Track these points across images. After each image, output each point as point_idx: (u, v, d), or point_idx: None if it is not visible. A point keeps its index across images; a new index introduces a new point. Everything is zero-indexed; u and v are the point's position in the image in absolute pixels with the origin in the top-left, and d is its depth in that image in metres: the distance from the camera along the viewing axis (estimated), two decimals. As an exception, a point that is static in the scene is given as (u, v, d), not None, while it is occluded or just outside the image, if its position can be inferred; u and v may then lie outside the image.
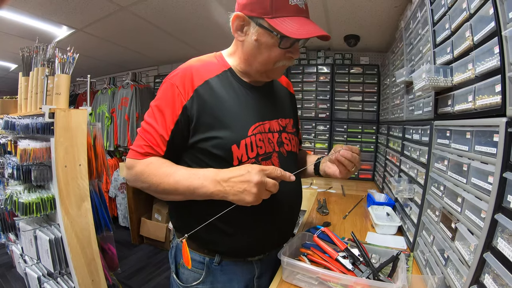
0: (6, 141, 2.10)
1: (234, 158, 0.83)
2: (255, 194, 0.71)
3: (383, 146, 2.24)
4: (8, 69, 3.97)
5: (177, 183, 0.78)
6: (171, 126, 0.83)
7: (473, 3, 0.75)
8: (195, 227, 0.86)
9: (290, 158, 0.98)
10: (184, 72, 0.86)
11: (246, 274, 0.96)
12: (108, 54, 3.33)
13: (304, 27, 0.79)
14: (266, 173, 0.73)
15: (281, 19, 0.78)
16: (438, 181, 0.93)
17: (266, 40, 0.81)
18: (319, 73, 2.74)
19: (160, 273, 2.68)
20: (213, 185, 0.75)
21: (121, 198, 3.54)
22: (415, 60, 1.34)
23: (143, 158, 0.84)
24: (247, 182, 0.71)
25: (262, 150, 0.88)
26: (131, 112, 3.47)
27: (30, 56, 1.97)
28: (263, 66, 0.87)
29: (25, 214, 1.58)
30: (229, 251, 0.92)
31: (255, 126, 0.88)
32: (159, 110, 0.85)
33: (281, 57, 0.85)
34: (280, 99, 1.05)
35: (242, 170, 0.73)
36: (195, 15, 2.20)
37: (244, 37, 0.85)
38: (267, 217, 0.89)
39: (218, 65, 0.91)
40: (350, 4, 1.85)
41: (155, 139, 0.84)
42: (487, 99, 0.69)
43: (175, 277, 0.98)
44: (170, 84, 0.85)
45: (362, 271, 0.85)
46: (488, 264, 0.61)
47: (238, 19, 0.83)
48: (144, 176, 0.82)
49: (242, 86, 0.92)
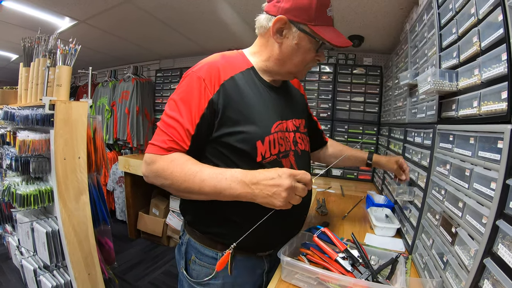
0: (5, 132, 2.09)
1: (258, 154, 0.85)
2: (284, 198, 0.72)
3: (383, 148, 2.23)
4: (9, 59, 3.94)
5: (202, 182, 0.76)
6: (197, 120, 0.82)
7: (482, 9, 0.74)
8: (212, 225, 0.90)
9: (304, 157, 1.03)
10: (211, 65, 0.86)
11: (257, 269, 0.99)
12: (110, 46, 3.30)
13: (340, 37, 0.87)
14: (297, 178, 0.74)
15: (321, 27, 0.85)
16: (439, 185, 0.93)
17: (305, 44, 0.87)
18: (321, 73, 2.74)
19: (157, 268, 2.68)
20: (241, 187, 0.74)
21: (119, 191, 3.53)
22: (419, 63, 1.34)
23: (166, 153, 0.81)
24: (278, 186, 0.71)
25: (283, 148, 0.91)
26: (131, 106, 3.46)
27: (32, 46, 1.96)
28: (296, 67, 0.92)
29: (23, 206, 1.58)
30: (241, 246, 0.90)
31: (277, 124, 0.91)
32: (184, 103, 0.82)
33: (312, 60, 0.92)
34: (294, 100, 1.09)
35: (273, 173, 0.74)
36: (199, 10, 2.18)
37: (283, 40, 0.88)
38: (279, 212, 0.87)
39: (242, 62, 0.93)
40: (356, 5, 1.84)
41: (179, 134, 0.81)
42: (492, 105, 0.70)
43: (185, 273, 0.98)
44: (197, 77, 0.84)
45: (361, 272, 0.86)
46: (487, 270, 0.61)
47: (279, 22, 0.85)
48: (167, 173, 0.79)
49: (264, 85, 0.94)
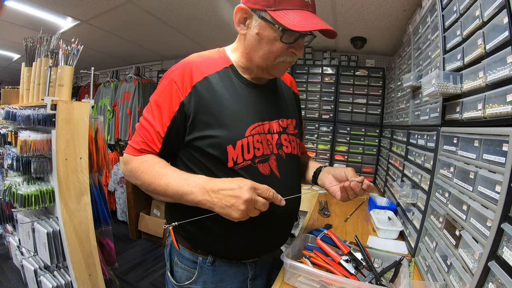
0: (6, 131, 2.09)
1: (229, 159, 0.81)
2: (242, 211, 0.68)
3: (386, 149, 2.23)
4: (11, 59, 3.95)
5: (167, 186, 0.77)
6: (167, 122, 0.82)
7: (487, 11, 0.74)
8: (187, 226, 0.84)
9: (290, 161, 0.94)
10: (184, 67, 0.84)
11: (240, 275, 0.94)
12: (112, 47, 3.31)
13: (307, 20, 0.75)
14: (257, 192, 0.70)
15: (284, 12, 0.75)
16: (443, 188, 0.93)
17: (268, 33, 0.78)
18: (324, 74, 2.74)
19: (157, 269, 2.68)
20: (201, 194, 0.73)
21: (120, 192, 3.53)
22: (423, 65, 1.33)
23: (139, 154, 0.83)
24: (236, 197, 0.68)
25: (260, 152, 0.85)
26: (133, 106, 3.46)
27: (34, 46, 1.95)
28: (263, 61, 0.83)
29: (24, 206, 1.57)
30: (222, 252, 0.90)
31: (254, 127, 0.85)
32: (156, 105, 0.83)
33: (283, 53, 0.80)
34: (283, 99, 1.01)
35: (234, 184, 0.71)
36: (202, 11, 2.19)
37: (247, 31, 0.82)
38: (263, 221, 0.85)
39: (220, 61, 0.89)
40: (359, 6, 1.84)
41: (151, 136, 0.83)
42: (497, 108, 0.69)
43: (170, 275, 0.97)
44: (169, 80, 0.83)
45: (365, 275, 0.85)
46: (492, 273, 0.61)
47: (241, 11, 0.80)
48: (138, 173, 0.81)
49: (243, 83, 0.89)
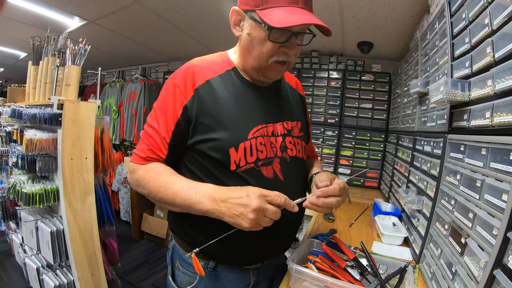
0: (12, 129, 2.10)
1: (232, 162, 0.79)
2: (251, 220, 0.67)
3: (391, 155, 2.22)
4: (17, 57, 3.99)
5: (174, 195, 0.76)
6: (172, 127, 0.81)
7: (496, 20, 0.74)
8: (191, 233, 0.85)
9: (294, 164, 0.91)
10: (186, 71, 0.84)
11: (241, 281, 0.92)
12: (119, 47, 3.33)
13: (292, 16, 0.72)
14: (267, 199, 0.69)
15: (271, 10, 0.73)
16: (449, 195, 0.93)
17: (258, 33, 0.77)
18: (330, 78, 2.74)
19: (159, 270, 2.67)
20: (210, 203, 0.72)
21: (123, 192, 3.53)
22: (430, 71, 1.33)
23: (145, 163, 0.82)
24: (245, 206, 0.67)
25: (263, 154, 0.83)
26: (139, 107, 3.47)
27: (41, 45, 1.96)
28: (256, 62, 0.82)
29: (28, 205, 1.58)
30: (224, 258, 0.89)
31: (257, 129, 0.84)
32: (160, 110, 0.83)
33: (274, 52, 0.78)
34: (288, 100, 0.98)
35: (242, 192, 0.69)
36: (209, 13, 2.20)
37: (241, 32, 0.82)
38: (267, 228, 0.82)
39: (222, 64, 0.88)
40: (366, 11, 1.84)
41: (156, 142, 0.82)
42: (505, 117, 0.69)
43: (171, 280, 0.96)
44: (171, 84, 0.83)
45: (370, 281, 0.85)
46: (497, 281, 0.61)
47: (235, 13, 0.80)
48: (144, 182, 0.80)
49: (246, 85, 0.88)
